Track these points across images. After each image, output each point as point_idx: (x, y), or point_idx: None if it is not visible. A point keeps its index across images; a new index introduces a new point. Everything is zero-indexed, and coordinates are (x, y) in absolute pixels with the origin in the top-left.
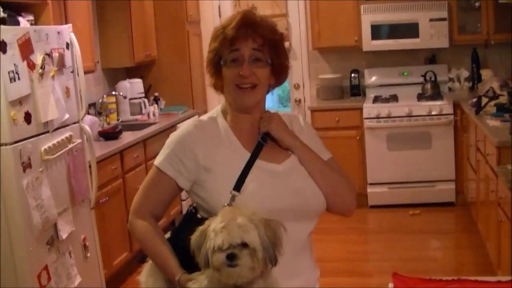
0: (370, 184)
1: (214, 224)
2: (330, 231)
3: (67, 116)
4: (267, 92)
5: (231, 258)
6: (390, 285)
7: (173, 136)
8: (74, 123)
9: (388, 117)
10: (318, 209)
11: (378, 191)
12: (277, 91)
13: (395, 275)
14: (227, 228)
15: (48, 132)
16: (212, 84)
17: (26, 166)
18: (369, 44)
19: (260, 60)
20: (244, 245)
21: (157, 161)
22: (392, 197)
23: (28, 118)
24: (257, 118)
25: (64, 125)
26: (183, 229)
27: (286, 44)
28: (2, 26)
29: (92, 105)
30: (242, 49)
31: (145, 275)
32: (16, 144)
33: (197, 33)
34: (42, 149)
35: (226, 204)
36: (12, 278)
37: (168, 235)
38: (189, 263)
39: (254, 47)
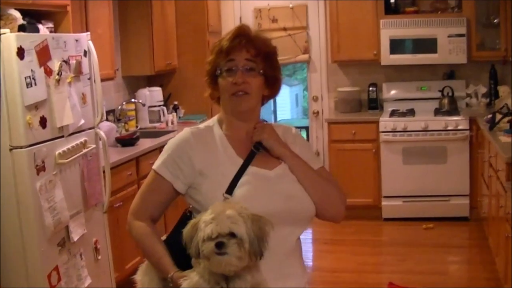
0: (385, 197)
1: (204, 216)
2: (344, 243)
3: (82, 121)
4: (262, 104)
5: (220, 246)
6: None
7: (171, 142)
8: (90, 128)
9: (404, 131)
10: (307, 214)
11: (392, 204)
12: (301, 103)
13: (391, 285)
14: (217, 219)
15: (63, 136)
16: (209, 94)
17: (40, 169)
18: (388, 58)
19: (253, 70)
20: (232, 235)
21: (155, 165)
22: (406, 210)
23: (43, 122)
24: (251, 127)
25: (79, 130)
26: (179, 231)
27: (306, 56)
28: (21, 33)
29: (111, 111)
30: (236, 59)
31: (141, 274)
32: (31, 148)
33: None
34: (57, 153)
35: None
36: (23, 277)
37: (164, 237)
38: (184, 264)
39: (247, 58)
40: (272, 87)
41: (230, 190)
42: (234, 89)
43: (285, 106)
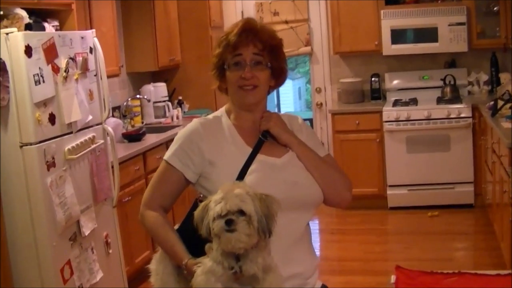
0: (390, 186)
1: (214, 197)
2: (350, 232)
3: (90, 117)
4: (268, 94)
5: (229, 224)
6: (393, 277)
7: (181, 133)
8: (97, 124)
9: (408, 120)
10: (314, 200)
11: (397, 193)
12: (304, 96)
13: (398, 268)
14: (226, 198)
15: (71, 132)
16: (217, 86)
17: (50, 165)
18: (389, 48)
19: (260, 63)
20: (241, 213)
21: (166, 156)
22: (411, 199)
23: (52, 119)
24: (258, 117)
25: (87, 126)
26: (191, 220)
27: (308, 49)
28: (28, 32)
29: (117, 108)
30: (243, 54)
31: (155, 263)
32: (41, 144)
33: None
34: (66, 149)
35: None
36: (36, 272)
37: (176, 226)
38: (197, 251)
39: (255, 52)
40: (278, 78)
41: (240, 178)
42: (242, 83)
43: (288, 99)
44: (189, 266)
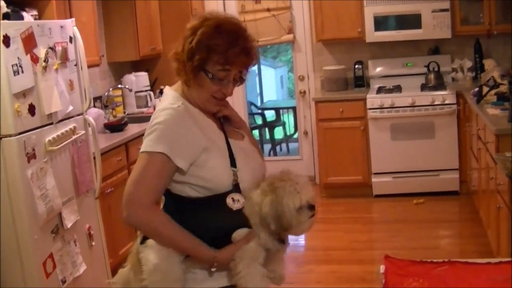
0: (375, 173)
1: (288, 189)
2: (335, 221)
3: (71, 108)
4: None
5: (313, 209)
6: (382, 266)
7: (168, 123)
8: (78, 115)
9: (392, 107)
10: None
11: (382, 181)
12: (286, 84)
13: (387, 258)
14: (300, 189)
15: (52, 123)
16: (185, 79)
17: (31, 157)
18: (372, 35)
19: (239, 80)
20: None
21: (159, 149)
22: (396, 186)
23: (32, 110)
24: None
25: (68, 117)
26: (186, 217)
27: (290, 36)
28: (5, 21)
29: (98, 98)
30: (232, 70)
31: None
32: (20, 136)
33: None
34: (46, 140)
35: (234, 179)
36: (18, 266)
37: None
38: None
39: (241, 70)
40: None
41: (232, 163)
42: (219, 96)
43: (271, 88)
44: (224, 256)
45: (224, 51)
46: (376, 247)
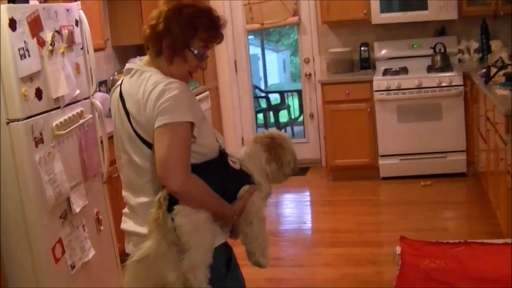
0: (382, 156)
1: (289, 142)
2: (342, 203)
3: (77, 92)
4: None
5: None
6: (398, 248)
7: (182, 94)
8: (85, 99)
9: (398, 89)
10: None
11: (389, 163)
12: (289, 67)
13: (402, 239)
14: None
15: (59, 108)
16: (168, 56)
17: (38, 141)
18: (378, 17)
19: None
20: None
21: (183, 118)
22: (403, 168)
23: (39, 94)
24: None
25: (75, 101)
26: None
27: (296, 19)
28: (11, 4)
29: (103, 82)
30: (210, 48)
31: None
32: (28, 120)
33: None
34: (54, 124)
35: (219, 144)
36: (27, 252)
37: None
38: None
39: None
40: None
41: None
42: (194, 71)
43: (273, 71)
44: (238, 211)
45: (208, 29)
46: (384, 229)
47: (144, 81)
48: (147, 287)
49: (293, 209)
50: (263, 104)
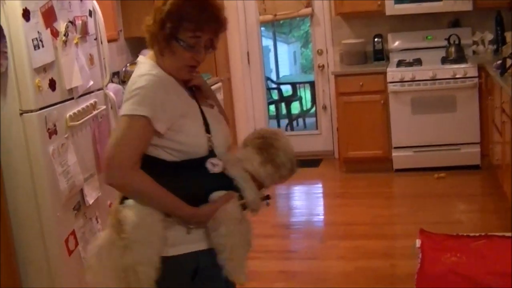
0: (395, 148)
1: (285, 142)
2: (356, 196)
3: (91, 83)
4: None
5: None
6: (417, 241)
7: (148, 88)
8: (99, 90)
9: (412, 81)
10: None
11: (403, 155)
12: (299, 59)
13: (422, 232)
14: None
15: (73, 98)
16: (158, 49)
17: (52, 132)
18: (392, 8)
19: (211, 47)
20: None
21: (140, 112)
22: (417, 160)
23: (52, 85)
24: None
25: (88, 92)
26: (163, 180)
27: (309, 10)
28: None
29: (116, 74)
30: (203, 37)
31: (139, 220)
32: (42, 111)
33: (219, 2)
34: (67, 115)
35: (209, 144)
36: (40, 243)
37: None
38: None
39: (211, 37)
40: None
41: (207, 129)
42: (192, 64)
43: (284, 63)
44: (201, 215)
45: (193, 18)
46: (398, 222)
47: (135, 71)
48: (108, 276)
49: (306, 201)
50: (275, 95)
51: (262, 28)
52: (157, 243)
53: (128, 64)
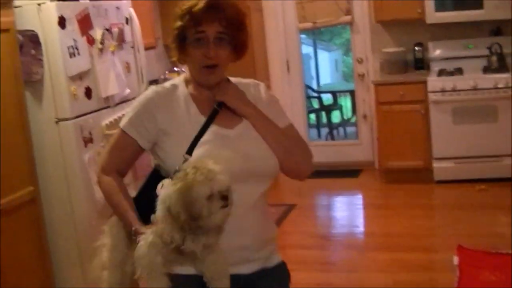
0: (436, 158)
1: (197, 178)
2: (395, 207)
3: (127, 91)
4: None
5: (227, 200)
6: (455, 258)
7: (136, 101)
8: (135, 98)
9: (453, 90)
10: (268, 172)
11: (444, 166)
12: (341, 67)
13: (460, 248)
14: (213, 177)
15: (109, 107)
16: (177, 58)
17: (87, 141)
18: (433, 16)
19: (224, 41)
20: (228, 188)
21: (121, 123)
22: (458, 172)
23: (88, 93)
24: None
25: (125, 100)
26: (148, 187)
27: (348, 18)
28: (61, 2)
29: (153, 81)
30: (207, 31)
31: (109, 225)
32: (77, 119)
33: (258, 9)
34: (103, 123)
35: (177, 168)
36: (75, 252)
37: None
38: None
39: (219, 30)
40: (240, 52)
41: (190, 149)
42: (205, 62)
43: (325, 71)
44: (137, 232)
45: (190, 11)
46: (438, 234)
47: None
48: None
49: (345, 212)
50: (315, 104)
51: (303, 36)
52: (114, 248)
53: (166, 72)
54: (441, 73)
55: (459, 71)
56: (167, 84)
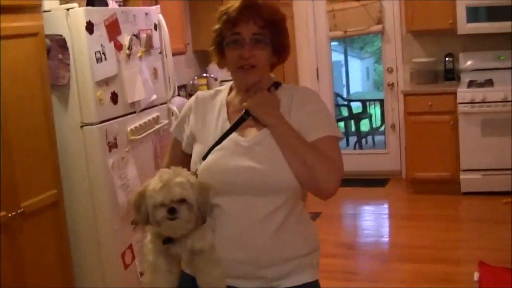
0: (463, 170)
1: (153, 184)
2: (422, 218)
3: (154, 97)
4: (271, 70)
5: (172, 212)
6: (476, 274)
7: (183, 108)
8: (162, 104)
9: (483, 102)
10: (279, 186)
11: (471, 178)
12: (372, 75)
13: (481, 264)
14: (167, 186)
15: (135, 112)
16: (216, 62)
17: (112, 145)
18: (464, 27)
19: (260, 42)
20: (182, 201)
21: (172, 128)
22: (485, 184)
23: (114, 98)
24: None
25: (151, 106)
26: None
27: (379, 27)
28: (89, 7)
29: (183, 87)
30: (243, 32)
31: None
32: (102, 124)
33: (289, 15)
34: (129, 129)
35: (192, 172)
36: (96, 256)
37: None
38: None
39: (255, 30)
40: (281, 54)
41: (206, 155)
42: (241, 63)
43: (357, 79)
44: None
45: (226, 12)
46: (462, 247)
47: None
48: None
49: (371, 221)
50: (345, 112)
51: (334, 43)
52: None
53: (195, 77)
54: (471, 84)
55: (489, 82)
56: (213, 90)
